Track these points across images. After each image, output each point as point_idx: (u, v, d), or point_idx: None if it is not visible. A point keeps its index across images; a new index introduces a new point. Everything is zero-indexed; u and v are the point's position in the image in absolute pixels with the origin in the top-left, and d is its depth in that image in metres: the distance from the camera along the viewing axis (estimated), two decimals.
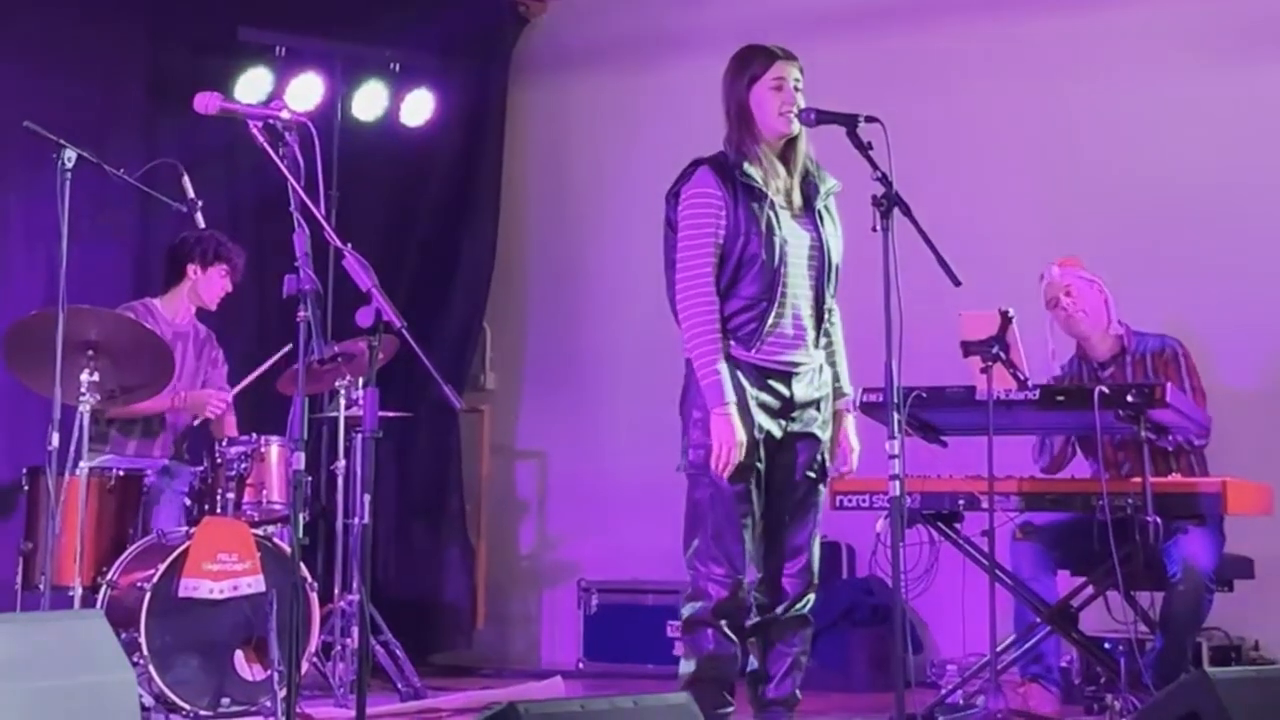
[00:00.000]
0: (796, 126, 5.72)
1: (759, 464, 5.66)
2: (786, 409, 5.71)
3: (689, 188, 5.73)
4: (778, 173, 5.74)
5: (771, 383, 5.68)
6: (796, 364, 5.72)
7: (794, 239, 5.70)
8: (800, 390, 5.73)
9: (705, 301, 5.65)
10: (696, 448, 5.68)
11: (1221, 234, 8.22)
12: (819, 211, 5.79)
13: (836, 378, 5.89)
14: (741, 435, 5.57)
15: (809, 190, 5.81)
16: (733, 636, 5.69)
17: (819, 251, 5.75)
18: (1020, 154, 8.75)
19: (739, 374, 5.64)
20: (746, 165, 5.69)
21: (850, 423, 5.91)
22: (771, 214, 5.66)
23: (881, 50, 9.02)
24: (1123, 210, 8.38)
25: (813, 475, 5.80)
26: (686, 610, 5.74)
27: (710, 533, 5.66)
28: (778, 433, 5.71)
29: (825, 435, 5.82)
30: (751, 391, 5.64)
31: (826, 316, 5.82)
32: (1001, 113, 8.81)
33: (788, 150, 5.78)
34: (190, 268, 7.64)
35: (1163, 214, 8.31)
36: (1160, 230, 8.24)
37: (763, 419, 5.66)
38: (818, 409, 5.79)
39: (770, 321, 5.65)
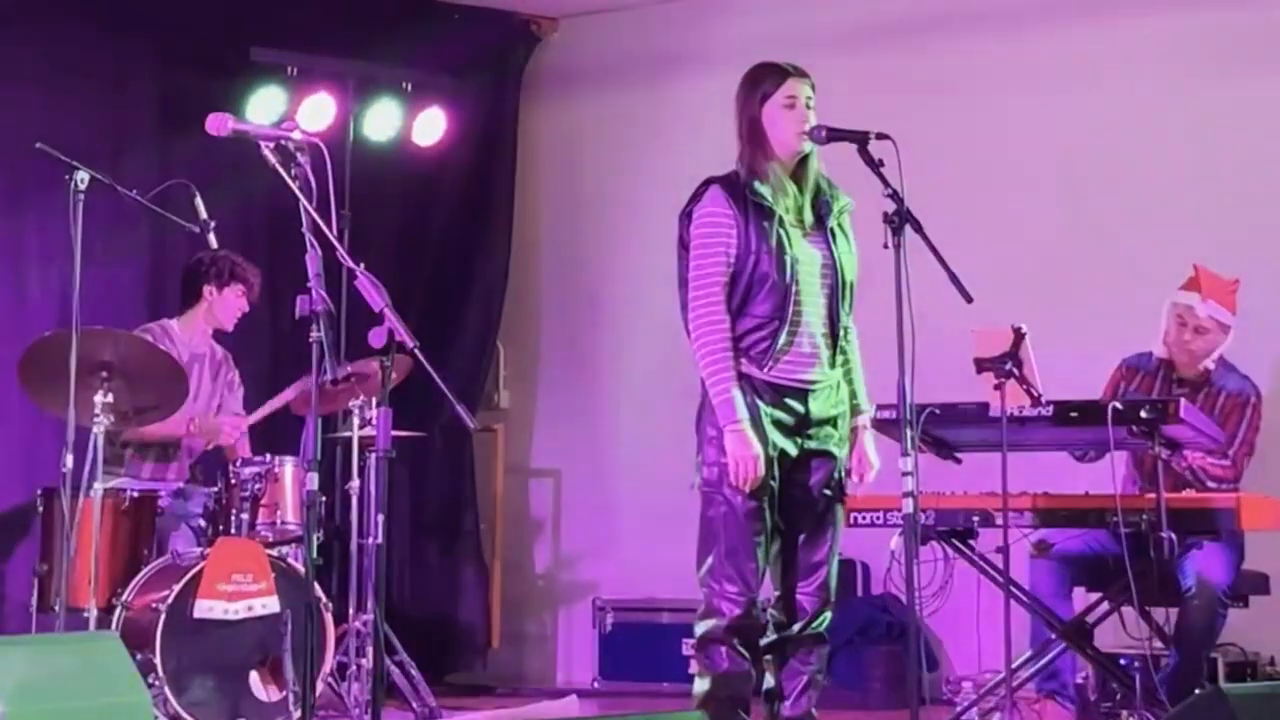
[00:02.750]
0: (809, 144, 5.71)
1: (773, 482, 5.65)
2: (802, 426, 5.70)
3: (700, 207, 5.73)
4: (788, 191, 5.72)
5: (787, 400, 5.67)
6: (811, 382, 5.70)
7: (805, 257, 5.69)
8: (816, 407, 5.71)
9: (716, 321, 5.64)
10: (710, 465, 5.67)
11: (1239, 247, 8.18)
12: (831, 229, 5.78)
13: (854, 395, 5.87)
14: (757, 449, 5.56)
15: (821, 208, 5.80)
16: (746, 655, 5.68)
17: (831, 270, 5.74)
18: (1032, 169, 8.74)
19: (753, 392, 5.63)
20: (757, 184, 5.69)
21: (869, 439, 5.89)
22: (782, 232, 5.66)
23: (891, 67, 9.02)
24: (1136, 225, 8.37)
25: (829, 493, 5.79)
26: (700, 628, 5.73)
27: (724, 551, 5.64)
28: (793, 450, 5.69)
29: (842, 453, 5.81)
30: (766, 409, 5.63)
31: (842, 335, 5.80)
32: (1013, 128, 8.81)
33: (799, 168, 5.77)
34: (206, 289, 7.65)
35: (1177, 228, 8.29)
36: (1174, 244, 8.21)
37: (777, 436, 5.64)
38: (834, 426, 5.77)
39: (783, 340, 5.63)
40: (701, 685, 5.71)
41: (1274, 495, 6.78)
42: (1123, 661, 7.01)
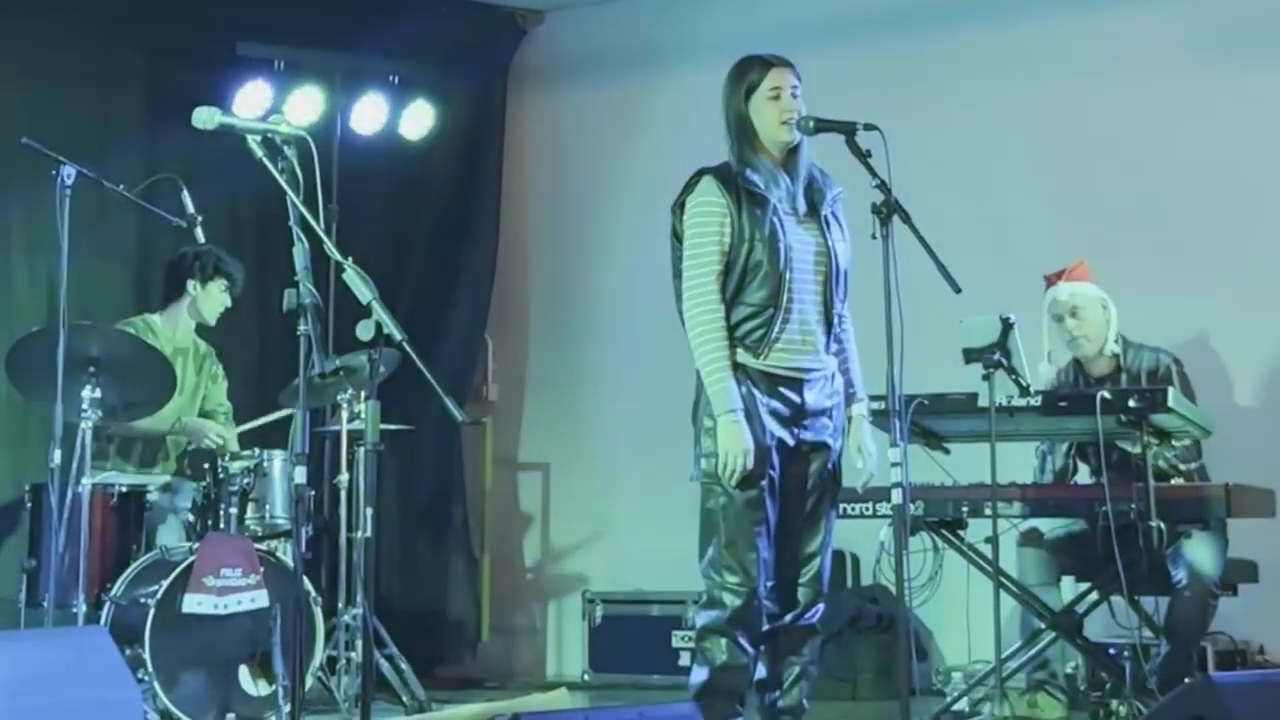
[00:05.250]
0: (797, 134, 5.71)
1: (772, 471, 5.65)
2: (798, 416, 5.69)
3: (693, 197, 5.72)
4: (780, 180, 5.73)
5: (782, 390, 5.66)
6: (807, 370, 5.69)
7: (799, 245, 5.69)
8: (811, 398, 5.71)
9: (711, 309, 5.63)
10: (708, 457, 5.65)
11: (1223, 239, 8.21)
12: (825, 218, 5.78)
13: (850, 384, 5.87)
14: (748, 442, 5.54)
15: (814, 197, 5.79)
16: (747, 647, 5.64)
17: (825, 258, 5.73)
18: (1020, 160, 8.75)
19: (749, 382, 5.62)
20: (749, 172, 5.69)
21: (865, 428, 5.89)
22: (775, 220, 5.65)
23: (880, 57, 9.02)
24: (1124, 216, 8.37)
25: (825, 483, 5.79)
26: (701, 619, 5.70)
27: (724, 541, 5.63)
28: (790, 440, 5.68)
29: (837, 443, 5.80)
30: (762, 399, 5.62)
31: (837, 323, 5.80)
32: (1001, 119, 8.81)
33: (791, 158, 5.77)
34: (190, 283, 7.63)
35: (1164, 219, 8.30)
36: (1161, 235, 8.24)
37: (774, 426, 5.64)
38: (829, 417, 5.77)
39: (778, 328, 5.62)
40: (699, 676, 5.68)
41: (1255, 483, 6.79)
42: (1112, 651, 7.03)
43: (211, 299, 7.66)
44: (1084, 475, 7.05)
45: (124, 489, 7.06)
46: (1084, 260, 7.17)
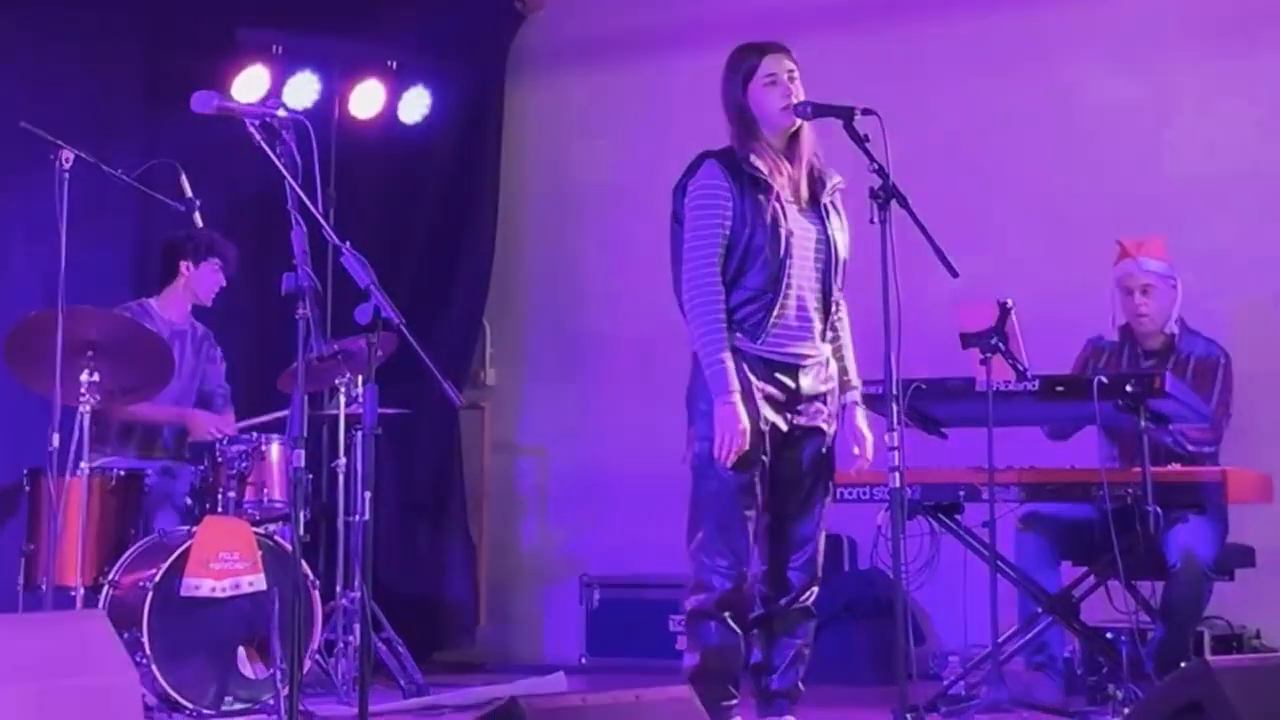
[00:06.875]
0: (796, 119, 5.72)
1: (764, 457, 5.66)
2: (792, 402, 5.71)
3: (695, 180, 5.74)
4: (782, 167, 5.73)
5: (778, 375, 5.67)
6: (803, 356, 5.71)
7: (800, 232, 5.70)
8: (806, 383, 5.73)
9: (711, 293, 5.65)
10: (702, 440, 5.67)
11: (1224, 222, 8.22)
12: (825, 206, 5.79)
13: (844, 371, 5.89)
14: (745, 423, 5.56)
15: (815, 185, 5.80)
16: (736, 629, 5.68)
17: (825, 245, 5.75)
18: (1018, 144, 8.75)
19: (744, 366, 5.63)
20: (753, 158, 5.70)
21: (860, 414, 5.90)
22: (777, 205, 5.66)
23: (878, 42, 9.02)
24: (1121, 200, 8.37)
25: (818, 468, 5.80)
26: (690, 603, 5.73)
27: (715, 525, 5.65)
28: (784, 426, 5.70)
29: (831, 429, 5.82)
30: (757, 384, 5.63)
31: (834, 310, 5.81)
32: (999, 103, 8.81)
33: (792, 144, 5.78)
34: (183, 264, 7.66)
35: (1162, 203, 8.30)
36: (1159, 219, 8.23)
37: (768, 412, 5.65)
38: (824, 402, 5.79)
39: (775, 313, 5.64)
40: (691, 660, 5.72)
41: (1256, 468, 6.80)
42: (1109, 635, 7.03)
43: (205, 279, 7.69)
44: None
45: (122, 473, 7.06)
46: (1162, 237, 7.20)
